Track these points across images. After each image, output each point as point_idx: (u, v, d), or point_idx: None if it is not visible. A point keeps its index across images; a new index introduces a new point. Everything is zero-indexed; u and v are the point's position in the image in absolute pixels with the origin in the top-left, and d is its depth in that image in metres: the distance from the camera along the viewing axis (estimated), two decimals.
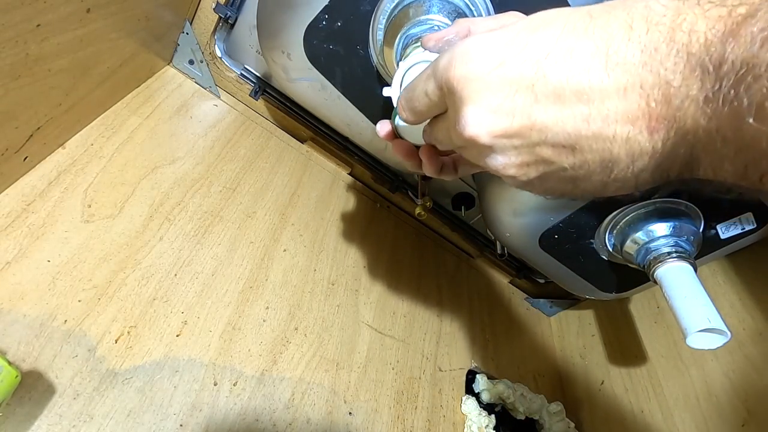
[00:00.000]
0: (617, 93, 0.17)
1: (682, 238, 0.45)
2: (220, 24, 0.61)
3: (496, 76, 0.19)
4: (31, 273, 0.39)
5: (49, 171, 0.44)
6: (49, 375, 0.35)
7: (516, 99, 0.19)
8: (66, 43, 0.39)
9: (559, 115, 0.19)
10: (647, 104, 0.17)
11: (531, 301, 0.87)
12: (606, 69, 0.17)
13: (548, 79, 0.18)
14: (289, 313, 0.52)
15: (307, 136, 0.72)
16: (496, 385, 0.64)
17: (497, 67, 0.19)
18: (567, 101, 0.18)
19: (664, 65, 0.16)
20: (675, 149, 0.18)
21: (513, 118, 0.20)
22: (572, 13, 0.19)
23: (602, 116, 0.18)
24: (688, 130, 0.17)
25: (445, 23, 0.37)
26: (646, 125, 0.17)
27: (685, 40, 0.16)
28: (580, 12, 0.19)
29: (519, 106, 0.19)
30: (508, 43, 0.20)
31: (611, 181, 0.20)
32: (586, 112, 0.18)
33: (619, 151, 0.18)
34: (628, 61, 0.17)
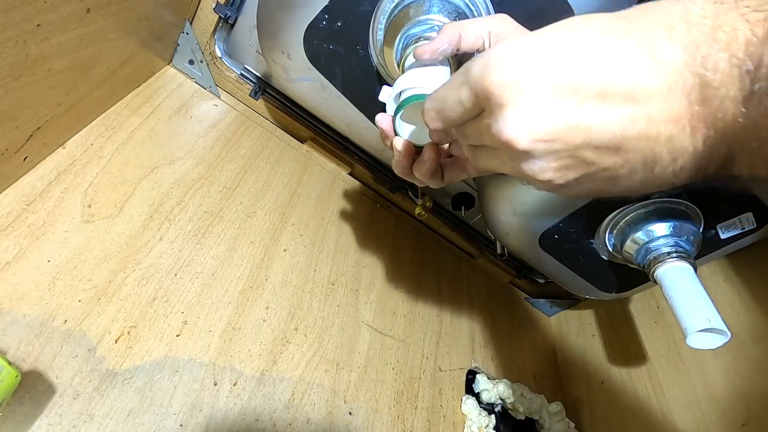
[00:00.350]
0: (661, 93, 0.18)
1: (682, 238, 0.45)
2: (220, 24, 0.61)
3: (538, 80, 0.19)
4: (31, 273, 0.39)
5: (49, 171, 0.44)
6: (49, 375, 0.35)
7: (559, 102, 0.19)
8: (66, 43, 0.39)
9: (605, 115, 0.18)
10: (689, 104, 0.17)
11: (531, 301, 0.87)
12: (650, 69, 0.17)
13: (592, 81, 0.18)
14: (289, 313, 0.52)
15: (307, 136, 0.72)
16: (496, 385, 0.64)
17: (538, 71, 0.19)
18: (612, 101, 0.18)
19: (705, 65, 0.17)
20: (715, 148, 0.18)
21: (556, 120, 0.19)
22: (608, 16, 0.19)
23: (647, 116, 0.18)
24: (727, 129, 0.17)
25: (445, 23, 0.37)
26: (689, 124, 0.18)
27: (726, 40, 0.16)
28: (616, 15, 0.19)
29: (562, 108, 0.19)
30: (546, 46, 0.20)
31: (651, 179, 0.20)
32: (632, 112, 0.18)
33: (661, 150, 0.18)
34: (672, 61, 0.17)
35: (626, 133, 0.19)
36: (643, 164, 0.19)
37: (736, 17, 0.16)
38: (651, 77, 0.18)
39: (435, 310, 0.70)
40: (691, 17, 0.17)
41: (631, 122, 0.18)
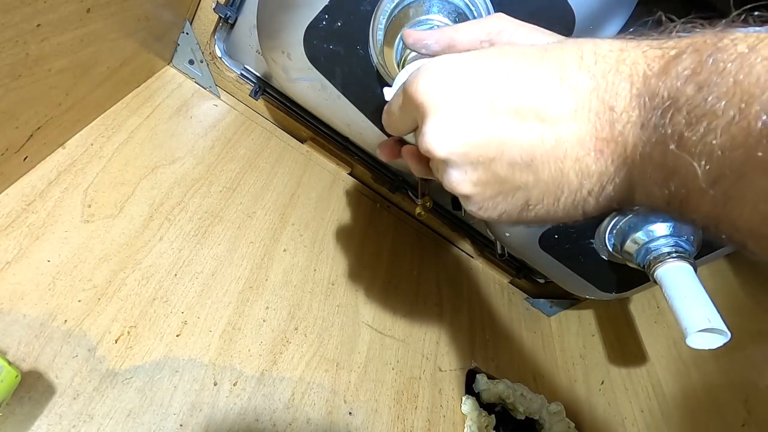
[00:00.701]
0: (568, 115, 0.19)
1: (682, 238, 0.45)
2: (220, 24, 0.61)
3: (457, 92, 0.21)
4: (31, 273, 0.39)
5: (49, 171, 0.44)
6: (49, 375, 0.35)
7: (475, 114, 0.20)
8: (66, 43, 0.39)
9: (517, 130, 0.20)
10: (594, 127, 0.19)
11: (531, 301, 0.87)
12: (559, 92, 0.19)
13: (507, 96, 0.20)
14: (289, 313, 0.52)
15: (307, 136, 0.72)
16: (496, 385, 0.64)
17: (459, 84, 0.21)
18: (525, 118, 0.20)
19: (610, 92, 0.18)
20: (617, 172, 0.19)
21: (471, 132, 0.21)
22: (529, 47, 0.21)
23: (555, 135, 0.19)
24: (627, 155, 0.19)
25: (445, 23, 0.37)
26: (593, 147, 0.19)
27: (628, 72, 0.18)
28: (535, 46, 0.21)
29: (479, 121, 0.20)
30: (471, 62, 0.21)
31: (561, 205, 0.21)
32: (542, 130, 0.19)
33: (569, 170, 0.20)
34: (579, 86, 0.19)
35: (536, 150, 0.20)
36: (554, 185, 0.20)
37: (637, 53, 0.18)
38: (560, 99, 0.19)
39: (435, 310, 0.70)
40: (600, 50, 0.19)
41: (541, 140, 0.20)
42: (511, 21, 0.29)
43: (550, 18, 0.40)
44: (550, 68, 0.19)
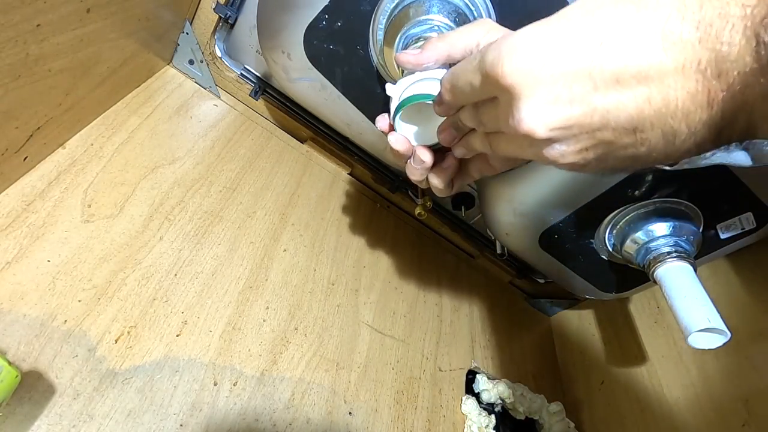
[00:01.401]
0: (675, 71, 0.18)
1: (682, 237, 0.45)
2: (220, 24, 0.61)
3: (551, 68, 0.19)
4: (31, 273, 0.39)
5: (49, 171, 0.44)
6: (49, 375, 0.35)
7: (574, 89, 0.19)
8: (66, 43, 0.39)
9: (621, 98, 0.19)
10: (705, 79, 0.17)
11: (531, 301, 0.87)
12: (663, 48, 0.17)
13: (606, 66, 0.18)
14: (289, 313, 0.52)
15: (307, 136, 0.72)
16: (496, 385, 0.64)
17: (551, 60, 0.19)
18: (627, 84, 0.18)
19: (720, 40, 0.17)
20: (734, 119, 0.18)
21: (572, 107, 0.20)
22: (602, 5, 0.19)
23: (662, 95, 0.18)
24: (746, 101, 0.17)
25: (445, 23, 0.37)
26: (706, 99, 0.18)
27: (739, 14, 0.16)
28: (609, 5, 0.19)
29: (578, 95, 0.19)
30: (557, 34, 0.20)
31: (672, 151, 0.20)
32: (647, 92, 0.18)
33: (680, 125, 0.18)
34: (684, 39, 0.17)
35: (643, 113, 0.19)
36: (664, 140, 0.19)
37: None
38: (664, 56, 0.18)
39: (435, 310, 0.70)
40: None
41: (647, 103, 0.18)
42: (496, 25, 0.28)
43: None
44: (649, 22, 0.18)
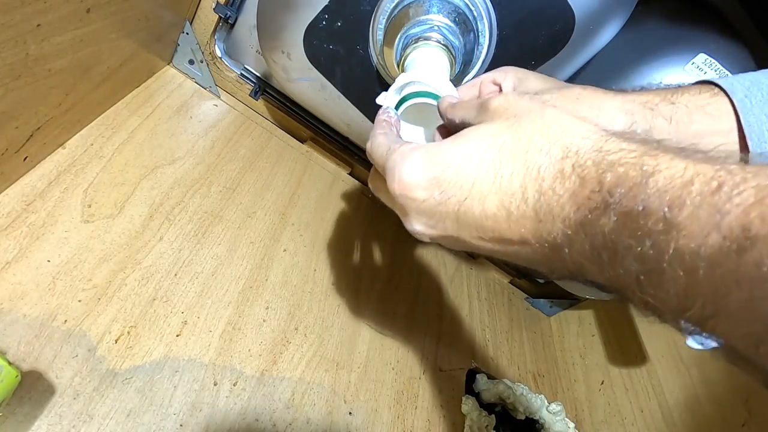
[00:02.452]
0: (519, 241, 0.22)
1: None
2: (220, 24, 0.61)
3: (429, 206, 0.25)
4: (31, 273, 0.39)
5: (49, 171, 0.44)
6: (49, 375, 0.35)
7: (446, 223, 0.25)
8: (66, 43, 0.39)
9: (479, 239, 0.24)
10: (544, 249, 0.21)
11: (531, 301, 0.87)
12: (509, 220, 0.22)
13: (468, 217, 0.23)
14: (289, 313, 0.52)
15: (307, 136, 0.72)
16: (496, 385, 0.64)
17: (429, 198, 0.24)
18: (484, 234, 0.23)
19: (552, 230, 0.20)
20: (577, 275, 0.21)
21: (446, 233, 0.25)
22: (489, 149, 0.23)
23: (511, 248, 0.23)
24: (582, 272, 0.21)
25: (445, 23, 0.37)
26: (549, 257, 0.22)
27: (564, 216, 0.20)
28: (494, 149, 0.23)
29: (449, 227, 0.25)
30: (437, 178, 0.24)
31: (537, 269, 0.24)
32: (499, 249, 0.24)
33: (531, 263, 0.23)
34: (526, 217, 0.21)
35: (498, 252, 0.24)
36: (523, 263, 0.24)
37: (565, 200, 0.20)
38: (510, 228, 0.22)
39: (435, 310, 0.70)
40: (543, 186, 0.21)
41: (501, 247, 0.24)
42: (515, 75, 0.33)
43: (550, 18, 0.40)
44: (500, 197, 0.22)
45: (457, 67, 0.38)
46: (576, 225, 0.19)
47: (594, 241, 0.18)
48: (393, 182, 0.26)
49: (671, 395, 0.59)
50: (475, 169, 0.23)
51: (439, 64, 0.35)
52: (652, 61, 0.45)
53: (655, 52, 0.45)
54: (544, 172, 0.21)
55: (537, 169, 0.21)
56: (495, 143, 0.23)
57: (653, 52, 0.45)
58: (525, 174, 0.21)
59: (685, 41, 0.45)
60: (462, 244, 0.26)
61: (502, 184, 0.22)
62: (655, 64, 0.45)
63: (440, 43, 0.36)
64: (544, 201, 0.20)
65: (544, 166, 0.21)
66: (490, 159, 0.23)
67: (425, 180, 0.24)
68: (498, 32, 0.40)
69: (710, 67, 0.43)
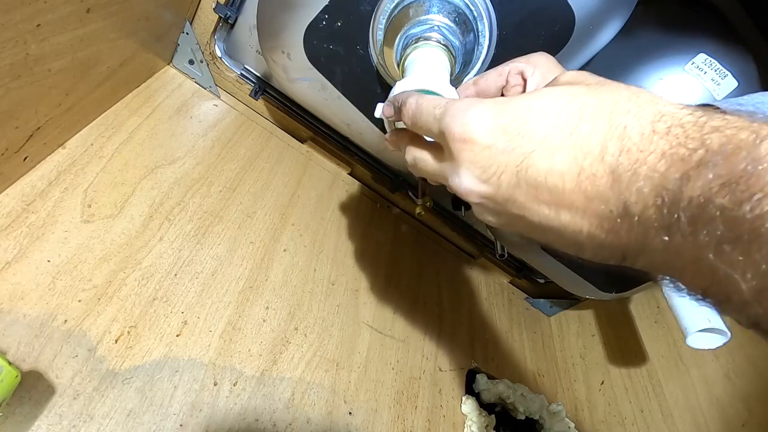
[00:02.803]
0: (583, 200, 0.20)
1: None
2: (220, 24, 0.61)
3: (490, 153, 0.22)
4: (31, 273, 0.39)
5: (49, 171, 0.44)
6: (49, 375, 0.35)
7: (503, 177, 0.22)
8: (66, 43, 0.39)
9: (534, 201, 0.22)
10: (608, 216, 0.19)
11: (531, 301, 0.87)
12: (578, 178, 0.20)
13: (530, 171, 0.21)
14: (289, 313, 0.52)
15: (307, 136, 0.72)
16: (496, 385, 0.64)
17: (492, 144, 0.22)
18: (542, 193, 0.21)
19: (627, 191, 0.18)
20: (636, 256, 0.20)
21: (498, 190, 0.23)
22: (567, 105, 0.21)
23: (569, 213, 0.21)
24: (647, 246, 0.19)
25: (445, 23, 0.37)
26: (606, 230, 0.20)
27: (645, 173, 0.18)
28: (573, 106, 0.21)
29: (504, 183, 0.22)
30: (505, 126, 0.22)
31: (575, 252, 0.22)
32: (556, 205, 0.21)
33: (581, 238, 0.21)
34: (598, 177, 0.19)
35: (549, 219, 0.22)
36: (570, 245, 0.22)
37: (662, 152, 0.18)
38: (577, 187, 0.20)
39: (435, 310, 0.70)
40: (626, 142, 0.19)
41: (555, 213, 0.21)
42: None
43: (550, 18, 0.40)
44: (574, 151, 0.20)
45: (457, 67, 0.38)
46: (660, 186, 0.17)
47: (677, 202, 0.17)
48: (453, 124, 0.23)
49: (671, 395, 0.59)
50: (550, 124, 0.21)
51: (439, 64, 0.35)
52: (652, 61, 0.45)
53: (655, 52, 0.45)
54: (631, 131, 0.19)
55: (623, 128, 0.19)
56: (575, 101, 0.21)
57: (653, 52, 0.45)
58: (608, 132, 0.19)
59: (685, 41, 0.45)
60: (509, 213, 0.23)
61: (579, 140, 0.20)
62: (655, 64, 0.45)
63: (440, 43, 0.36)
64: (626, 159, 0.18)
65: (631, 125, 0.19)
66: (569, 115, 0.21)
67: (491, 126, 0.22)
68: (498, 32, 0.40)
69: (710, 67, 0.43)
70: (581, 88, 0.22)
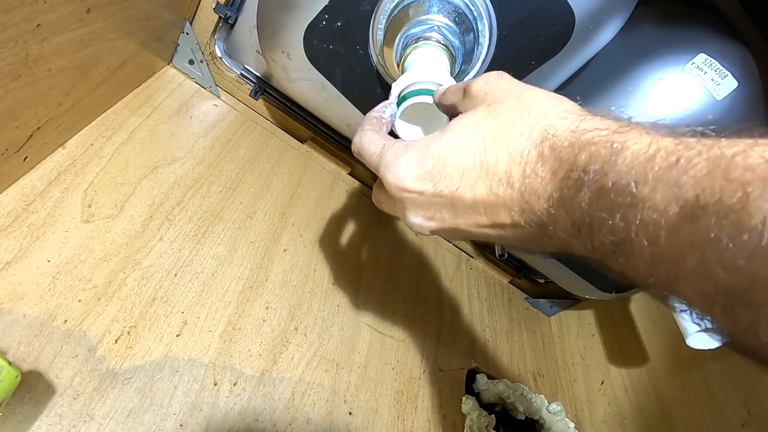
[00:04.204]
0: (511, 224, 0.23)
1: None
2: (220, 24, 0.61)
3: (424, 198, 0.26)
4: (31, 273, 0.39)
5: (49, 171, 0.44)
6: (49, 375, 0.35)
7: (443, 213, 0.26)
8: (66, 43, 0.39)
9: (474, 223, 0.25)
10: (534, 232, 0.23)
11: (531, 301, 0.87)
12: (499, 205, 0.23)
13: (461, 205, 0.25)
14: (289, 313, 0.52)
15: (307, 136, 0.72)
16: (496, 385, 0.64)
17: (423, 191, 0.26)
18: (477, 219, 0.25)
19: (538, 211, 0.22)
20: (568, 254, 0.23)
21: (443, 223, 0.27)
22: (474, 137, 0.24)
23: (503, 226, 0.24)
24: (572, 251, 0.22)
25: (445, 23, 0.37)
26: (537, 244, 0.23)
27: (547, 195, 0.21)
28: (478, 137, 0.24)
29: (446, 218, 0.26)
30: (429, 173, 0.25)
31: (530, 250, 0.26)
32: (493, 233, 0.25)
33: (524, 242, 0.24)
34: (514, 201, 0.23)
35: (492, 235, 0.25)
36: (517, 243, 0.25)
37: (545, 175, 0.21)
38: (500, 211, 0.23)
39: (435, 310, 0.70)
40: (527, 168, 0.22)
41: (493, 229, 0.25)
42: None
43: (550, 18, 0.40)
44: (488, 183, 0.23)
45: (457, 67, 0.38)
46: (557, 203, 0.20)
47: (573, 216, 0.20)
48: (388, 180, 0.27)
49: (671, 395, 0.59)
50: (463, 159, 0.24)
51: (438, 64, 0.35)
52: (652, 61, 0.45)
53: (655, 52, 0.45)
54: (527, 156, 0.22)
55: (520, 153, 0.22)
56: (479, 132, 0.24)
57: (653, 52, 0.45)
58: (509, 159, 0.22)
59: (685, 41, 0.45)
60: (460, 233, 0.27)
61: (489, 171, 0.23)
62: (655, 64, 0.45)
63: (440, 43, 0.36)
64: (528, 183, 0.22)
65: (526, 150, 0.22)
66: (476, 148, 0.24)
67: (418, 175, 0.25)
68: (498, 32, 0.40)
69: (710, 67, 0.43)
70: (482, 113, 0.25)
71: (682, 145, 0.17)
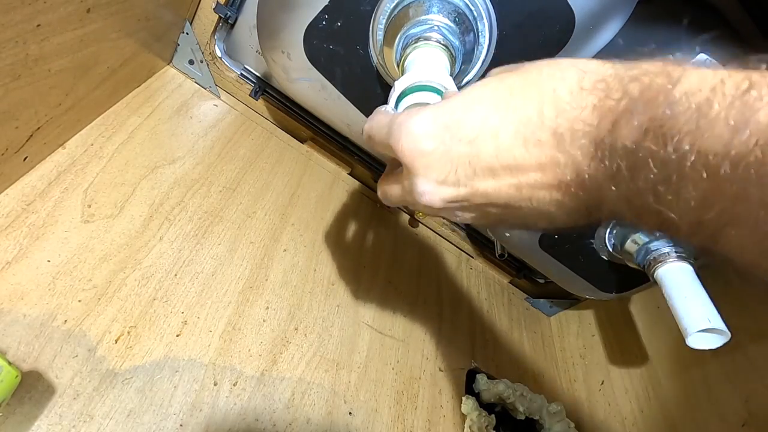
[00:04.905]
0: (537, 168, 0.21)
1: None
2: (220, 24, 0.61)
3: (439, 154, 0.23)
4: (31, 273, 0.39)
5: (49, 171, 0.44)
6: (49, 375, 0.35)
7: (459, 173, 0.23)
8: (66, 43, 0.39)
9: (495, 185, 0.22)
10: (563, 177, 0.20)
11: (531, 301, 0.87)
12: (525, 148, 0.21)
13: (481, 157, 0.22)
14: (289, 313, 0.52)
15: (307, 136, 0.72)
16: (496, 385, 0.64)
17: (439, 146, 0.23)
18: (499, 174, 0.22)
19: (572, 148, 0.19)
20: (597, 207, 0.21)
21: (459, 188, 0.23)
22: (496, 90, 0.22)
23: (529, 185, 0.21)
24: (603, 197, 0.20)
25: (445, 23, 0.37)
26: (565, 192, 0.21)
27: (583, 129, 0.19)
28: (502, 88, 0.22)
29: (462, 178, 0.23)
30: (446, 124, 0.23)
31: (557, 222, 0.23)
32: (516, 182, 0.22)
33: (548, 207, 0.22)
34: (543, 142, 0.20)
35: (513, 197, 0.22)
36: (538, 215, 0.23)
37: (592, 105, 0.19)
38: (527, 155, 0.21)
39: (435, 310, 0.70)
40: (559, 103, 0.20)
41: (517, 190, 0.22)
42: None
43: (550, 18, 0.40)
44: (514, 124, 0.21)
45: (457, 67, 0.38)
46: (597, 138, 0.18)
47: (614, 152, 0.18)
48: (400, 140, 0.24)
49: (671, 395, 0.59)
50: (485, 107, 0.22)
51: (439, 64, 0.35)
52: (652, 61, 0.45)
53: (654, 52, 0.45)
54: (561, 92, 0.20)
55: (552, 90, 0.20)
56: (504, 83, 0.22)
57: (653, 52, 0.45)
58: (540, 98, 0.20)
59: (685, 41, 0.45)
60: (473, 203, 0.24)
61: (516, 114, 0.21)
62: None
63: (440, 43, 0.36)
64: (563, 119, 0.19)
65: (560, 87, 0.20)
66: (501, 96, 0.21)
67: (434, 129, 0.23)
68: (498, 32, 0.40)
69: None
70: (506, 73, 0.22)
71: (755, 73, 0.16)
